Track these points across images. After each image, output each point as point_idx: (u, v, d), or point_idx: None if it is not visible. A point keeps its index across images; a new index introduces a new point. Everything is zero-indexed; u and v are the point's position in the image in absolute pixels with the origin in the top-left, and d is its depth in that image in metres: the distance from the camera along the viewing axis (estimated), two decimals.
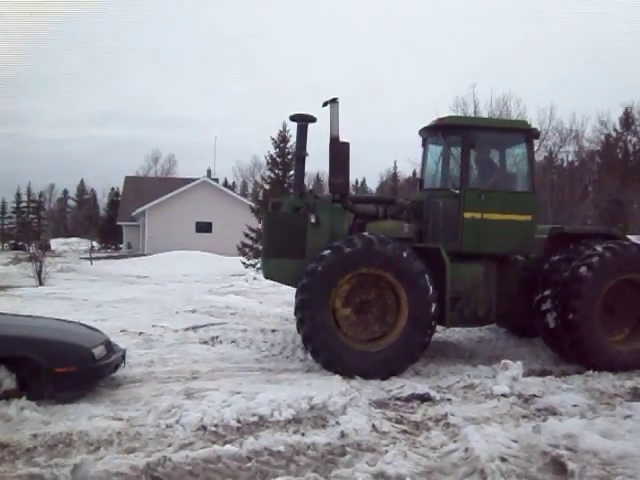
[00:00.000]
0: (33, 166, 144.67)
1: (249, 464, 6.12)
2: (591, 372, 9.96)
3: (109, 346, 8.78)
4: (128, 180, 62.92)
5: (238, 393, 8.17)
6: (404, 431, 7.22)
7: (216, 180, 57.67)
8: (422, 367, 10.21)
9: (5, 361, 7.63)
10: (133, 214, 53.04)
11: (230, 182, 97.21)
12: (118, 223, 58.08)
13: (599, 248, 10.35)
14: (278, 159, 40.74)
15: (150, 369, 9.67)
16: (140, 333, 12.42)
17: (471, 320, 10.83)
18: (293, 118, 10.92)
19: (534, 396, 8.67)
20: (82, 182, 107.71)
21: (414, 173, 58.15)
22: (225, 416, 7.29)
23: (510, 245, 10.82)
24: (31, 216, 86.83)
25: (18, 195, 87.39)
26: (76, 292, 21.32)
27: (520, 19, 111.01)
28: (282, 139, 44.22)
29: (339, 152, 10.45)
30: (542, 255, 11.04)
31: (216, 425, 7.11)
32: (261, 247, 11.15)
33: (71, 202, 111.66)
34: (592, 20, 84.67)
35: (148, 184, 61.13)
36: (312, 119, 10.86)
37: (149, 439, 6.70)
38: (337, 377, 9.18)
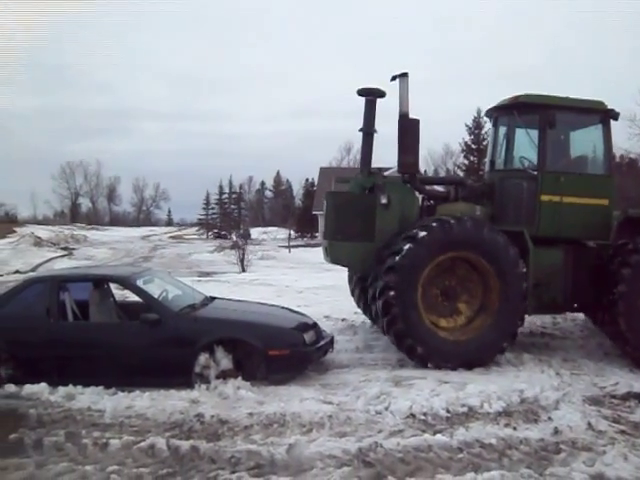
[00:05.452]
0: (234, 160, 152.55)
1: (460, 455, 6.05)
2: None
3: (318, 331, 9.00)
4: (323, 171, 64.08)
5: (446, 382, 8.12)
6: (622, 431, 6.79)
7: None
8: None
9: (223, 343, 8.03)
10: None
11: (422, 170, 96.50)
12: (314, 212, 59.40)
13: None
14: (473, 146, 40.06)
15: (356, 355, 9.79)
16: (343, 319, 12.68)
17: (550, 307, 10.23)
18: (361, 92, 10.15)
19: None
20: (278, 174, 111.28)
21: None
22: (434, 405, 7.24)
23: (587, 230, 10.08)
24: (232, 207, 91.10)
25: (220, 187, 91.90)
26: (277, 279, 22.07)
27: None
28: (477, 125, 43.48)
29: (409, 129, 9.89)
30: (613, 242, 10.15)
31: (425, 414, 7.09)
32: (324, 229, 10.40)
33: (268, 193, 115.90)
34: None
35: (342, 174, 61.99)
36: (381, 94, 10.14)
37: (359, 424, 6.80)
38: (547, 370, 8.87)
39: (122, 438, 6.37)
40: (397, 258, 8.89)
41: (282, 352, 8.10)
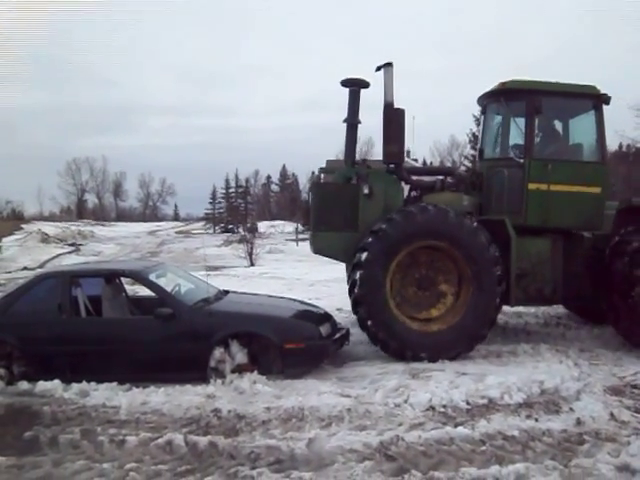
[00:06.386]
0: (240, 154, 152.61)
1: (483, 447, 5.95)
2: None
3: (334, 324, 8.92)
4: (329, 164, 63.82)
5: (464, 374, 8.05)
6: None
7: (415, 160, 57.26)
8: None
9: (238, 337, 7.94)
10: None
11: (428, 162, 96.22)
12: None
13: None
14: None
15: (372, 347, 9.62)
16: None
17: (536, 299, 10.01)
18: (344, 83, 10.06)
19: None
20: (284, 167, 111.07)
21: (620, 146, 54.39)
22: (454, 397, 7.16)
23: (577, 219, 9.84)
24: (239, 201, 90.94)
25: (227, 181, 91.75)
26: (287, 272, 22.05)
27: None
28: None
29: (393, 119, 9.75)
30: (611, 232, 9.95)
31: (445, 406, 7.00)
32: (310, 220, 10.40)
33: (274, 187, 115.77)
34: None
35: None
36: (365, 84, 10.06)
37: (379, 417, 6.71)
38: (565, 361, 8.77)
39: (139, 435, 6.30)
40: (356, 290, 9.00)
41: (298, 345, 8.01)
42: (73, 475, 5.54)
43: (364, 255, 8.94)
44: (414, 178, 10.76)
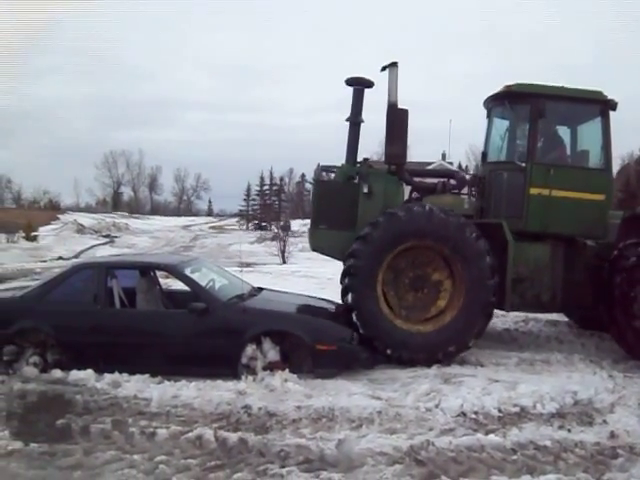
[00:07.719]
0: (275, 152, 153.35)
1: (514, 457, 5.87)
2: None
3: None
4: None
5: (497, 381, 7.96)
6: None
7: (451, 163, 56.86)
8: None
9: (270, 334, 7.94)
10: None
11: (464, 165, 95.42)
12: None
13: None
14: None
15: None
16: None
17: (533, 305, 9.85)
18: (349, 82, 10.07)
19: None
20: (318, 166, 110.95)
21: None
22: (485, 404, 7.08)
23: (579, 226, 9.65)
24: (273, 198, 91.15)
25: (261, 179, 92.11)
26: (318, 271, 21.93)
27: None
28: None
29: (397, 120, 9.64)
30: (615, 241, 9.71)
31: (476, 412, 6.93)
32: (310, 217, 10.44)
33: (308, 185, 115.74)
34: None
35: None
36: (369, 84, 10.06)
37: (409, 421, 6.66)
38: (599, 372, 8.63)
39: (169, 428, 6.32)
40: (361, 331, 8.81)
41: (330, 347, 7.97)
42: (103, 465, 5.57)
43: (350, 296, 8.99)
44: (416, 180, 10.70)
